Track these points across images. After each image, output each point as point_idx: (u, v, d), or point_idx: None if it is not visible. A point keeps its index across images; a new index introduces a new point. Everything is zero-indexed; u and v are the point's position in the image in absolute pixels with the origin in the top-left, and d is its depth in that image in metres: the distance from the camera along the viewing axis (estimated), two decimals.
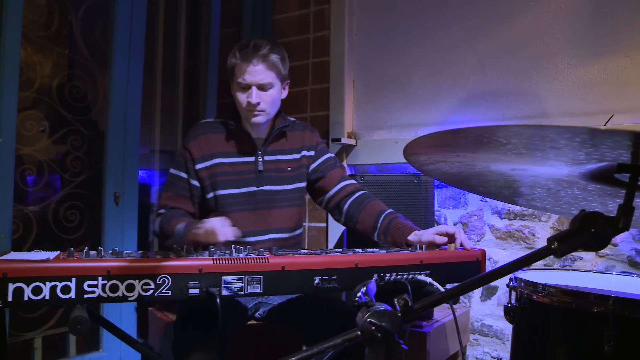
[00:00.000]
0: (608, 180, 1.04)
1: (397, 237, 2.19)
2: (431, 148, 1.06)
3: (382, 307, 0.86)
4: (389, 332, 0.81)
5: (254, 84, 2.21)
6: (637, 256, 2.55)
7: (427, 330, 2.40)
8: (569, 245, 0.92)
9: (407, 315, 0.85)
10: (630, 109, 2.54)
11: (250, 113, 2.25)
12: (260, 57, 2.19)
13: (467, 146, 0.99)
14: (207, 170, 2.29)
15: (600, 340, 1.18)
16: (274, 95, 2.27)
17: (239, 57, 2.21)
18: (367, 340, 0.83)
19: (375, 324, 0.83)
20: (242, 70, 2.20)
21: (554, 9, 2.74)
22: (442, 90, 3.02)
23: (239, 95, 2.25)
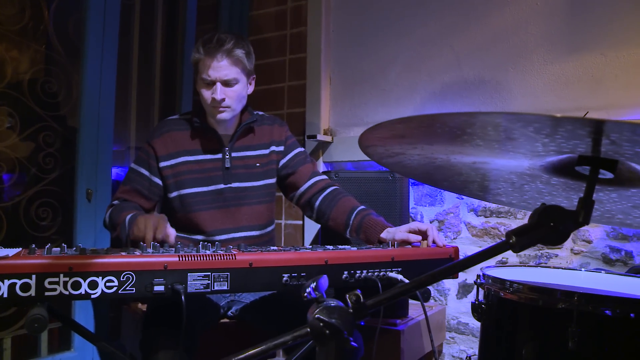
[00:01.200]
0: (569, 174, 1.03)
1: (369, 234, 2.17)
2: (387, 140, 1.04)
3: (334, 303, 0.83)
4: (338, 329, 0.79)
5: (218, 80, 2.16)
6: (611, 253, 2.55)
7: (401, 328, 2.39)
8: (527, 239, 0.89)
9: (359, 312, 0.82)
10: (604, 106, 2.54)
11: (215, 109, 2.20)
12: (225, 52, 2.15)
13: (421, 137, 0.97)
14: (172, 168, 2.25)
15: (565, 336, 1.17)
16: (239, 91, 2.22)
17: (202, 52, 2.16)
18: (316, 337, 0.80)
19: (323, 320, 0.80)
20: (205, 65, 2.16)
21: (530, 6, 2.73)
22: (419, 87, 3.00)
23: (203, 91, 2.21)
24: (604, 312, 1.19)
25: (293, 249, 1.85)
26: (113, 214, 2.15)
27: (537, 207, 0.92)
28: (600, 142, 0.87)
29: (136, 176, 2.26)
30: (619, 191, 1.06)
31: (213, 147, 2.29)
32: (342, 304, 0.84)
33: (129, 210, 2.11)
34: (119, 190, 2.28)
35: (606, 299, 1.21)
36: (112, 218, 2.14)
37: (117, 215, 2.11)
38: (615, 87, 2.53)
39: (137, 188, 2.25)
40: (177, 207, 2.26)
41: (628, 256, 2.52)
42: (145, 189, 2.25)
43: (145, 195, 2.25)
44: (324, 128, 3.21)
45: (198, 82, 2.23)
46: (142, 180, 2.25)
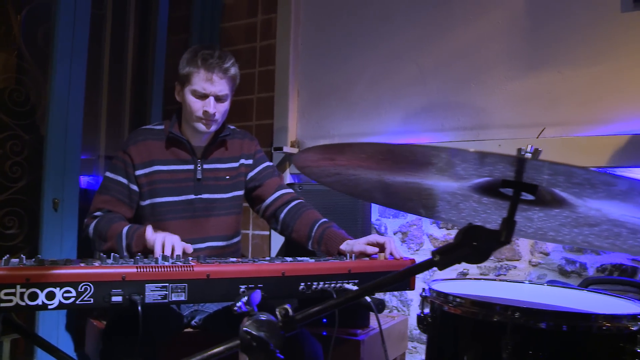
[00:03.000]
0: (496, 194, 1.08)
1: (329, 246, 2.22)
2: (318, 162, 1.08)
3: (264, 317, 0.87)
4: (264, 342, 0.83)
5: (212, 94, 2.23)
6: (566, 265, 2.62)
7: (362, 338, 2.43)
8: (451, 258, 0.94)
9: (288, 325, 0.87)
10: (561, 123, 2.61)
11: (204, 121, 2.26)
12: (224, 70, 2.23)
13: (348, 161, 1.01)
14: (146, 177, 2.28)
15: (499, 347, 1.22)
16: (226, 107, 2.31)
17: (201, 65, 2.21)
18: (245, 349, 0.84)
19: (251, 333, 0.84)
20: (203, 79, 2.21)
21: (491, 24, 2.81)
22: (384, 101, 3.06)
23: (193, 102, 2.25)
24: (538, 325, 1.24)
25: (251, 261, 1.89)
26: (100, 227, 2.17)
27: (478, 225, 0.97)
28: (522, 170, 0.92)
29: (114, 185, 2.28)
30: (545, 210, 1.12)
31: (186, 158, 2.33)
32: (273, 318, 0.88)
33: (119, 222, 2.15)
34: (98, 200, 2.28)
35: (540, 312, 1.26)
36: (100, 230, 2.16)
37: (106, 227, 2.14)
38: (571, 104, 2.61)
39: (117, 197, 2.27)
40: (148, 215, 2.29)
41: (582, 268, 2.59)
42: (126, 197, 2.28)
43: (126, 204, 2.28)
44: (291, 140, 3.25)
45: (186, 93, 2.26)
46: (122, 188, 2.28)
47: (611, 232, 1.16)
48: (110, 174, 2.31)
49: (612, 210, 1.00)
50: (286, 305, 0.90)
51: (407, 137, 2.95)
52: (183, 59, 2.28)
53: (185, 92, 2.26)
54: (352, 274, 1.92)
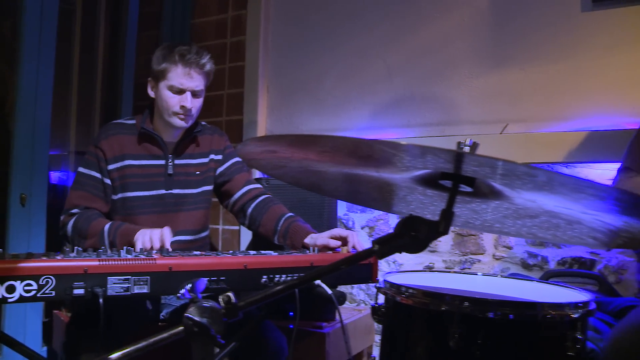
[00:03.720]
0: (437, 186, 1.11)
1: (294, 240, 2.25)
2: (262, 154, 1.11)
3: (208, 304, 0.90)
4: (206, 327, 0.86)
5: (189, 90, 2.28)
6: (529, 258, 2.68)
7: (327, 331, 2.46)
8: (389, 247, 0.98)
9: (230, 312, 0.90)
10: (523, 119, 2.67)
11: (180, 116, 2.30)
12: (202, 66, 2.29)
13: (290, 153, 1.04)
14: (118, 171, 2.30)
15: (447, 336, 1.26)
16: (201, 102, 2.36)
17: (179, 60, 2.25)
18: (188, 334, 0.87)
19: (192, 319, 0.87)
20: (180, 74, 2.26)
21: (457, 22, 2.86)
22: (352, 97, 3.09)
23: (170, 97, 2.28)
24: (485, 314, 1.28)
25: (214, 254, 1.91)
26: (79, 225, 2.18)
27: (428, 217, 1.01)
28: (461, 164, 0.95)
29: (89, 180, 2.29)
30: (487, 203, 1.16)
31: (157, 153, 2.36)
32: (217, 305, 0.91)
33: (97, 219, 2.18)
34: (73, 196, 2.29)
35: (487, 302, 1.30)
36: (80, 228, 2.18)
37: (86, 225, 2.16)
38: (534, 101, 2.67)
39: (92, 192, 2.28)
40: (119, 209, 2.31)
41: (544, 261, 2.65)
42: (101, 192, 2.29)
43: (102, 198, 2.30)
44: (261, 135, 3.28)
45: (162, 88, 2.29)
46: (96, 183, 2.29)
47: (550, 224, 1.20)
48: (84, 169, 2.32)
49: (545, 201, 1.04)
50: (229, 292, 0.93)
51: (375, 133, 2.98)
52: (158, 54, 2.32)
53: (161, 88, 2.29)
54: (314, 267, 1.95)
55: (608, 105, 2.51)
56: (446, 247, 2.85)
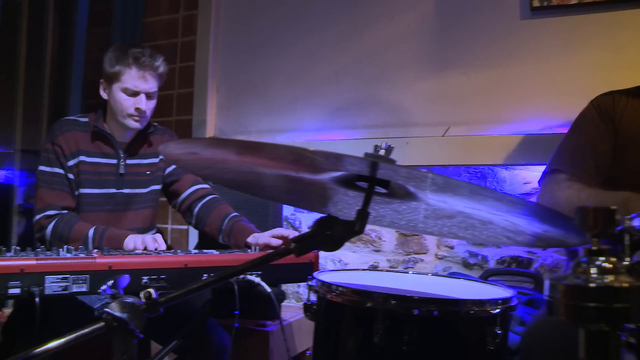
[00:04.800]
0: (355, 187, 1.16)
1: (238, 239, 2.29)
2: (186, 155, 1.14)
3: (130, 300, 0.93)
4: (125, 322, 0.89)
5: (144, 92, 2.31)
6: (470, 258, 2.76)
7: (271, 329, 2.50)
8: (306, 245, 1.02)
9: (151, 307, 0.93)
10: (465, 122, 2.74)
11: (134, 118, 2.32)
12: (156, 68, 2.33)
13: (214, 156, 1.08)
14: (75, 167, 2.32)
15: (372, 332, 1.31)
16: (154, 104, 2.39)
17: (133, 63, 2.28)
18: (108, 329, 0.90)
19: (111, 314, 0.90)
20: (135, 77, 2.28)
21: (402, 26, 2.91)
22: (299, 98, 3.13)
23: (124, 100, 2.30)
24: (410, 311, 1.34)
25: (155, 253, 1.94)
26: (60, 228, 2.19)
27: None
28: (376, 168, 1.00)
29: (54, 177, 2.29)
30: (406, 204, 1.21)
31: (110, 152, 2.38)
32: (139, 301, 0.94)
33: (78, 222, 2.20)
34: (44, 195, 2.28)
35: (412, 299, 1.35)
36: (61, 233, 2.18)
37: (67, 229, 2.18)
38: (475, 104, 2.74)
39: (61, 189, 2.29)
40: None
41: (484, 260, 2.74)
42: (68, 188, 2.30)
43: (70, 194, 2.31)
44: (209, 135, 3.29)
45: (115, 90, 2.31)
46: (62, 179, 2.30)
47: (467, 224, 1.26)
48: (46, 168, 2.32)
49: (454, 202, 1.09)
50: (151, 289, 0.96)
51: (322, 134, 3.03)
52: (110, 56, 2.33)
53: (114, 90, 2.32)
54: None
55: (544, 109, 2.61)
56: (390, 247, 2.92)
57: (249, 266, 1.04)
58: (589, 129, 2.00)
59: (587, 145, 1.97)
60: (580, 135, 2.03)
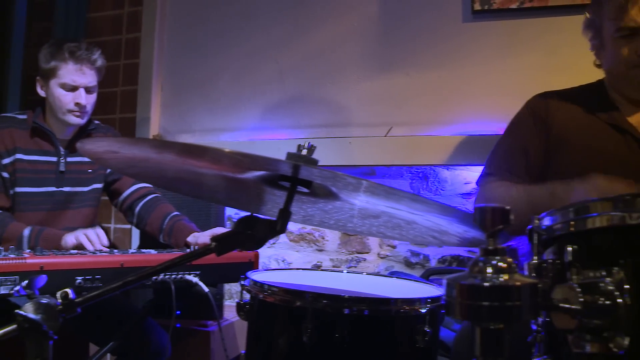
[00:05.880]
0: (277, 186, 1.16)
1: (178, 239, 2.28)
2: (106, 154, 1.13)
3: (46, 301, 0.92)
4: (37, 323, 0.87)
5: (83, 86, 2.27)
6: (412, 257, 2.80)
7: (212, 329, 2.49)
8: (227, 244, 1.02)
9: (67, 308, 0.92)
10: (408, 122, 2.78)
11: (75, 113, 2.28)
12: (93, 62, 2.29)
13: (135, 154, 1.07)
14: (11, 165, 2.26)
15: (301, 331, 1.31)
16: (95, 98, 2.35)
17: (69, 57, 2.24)
18: (20, 331, 0.88)
19: (23, 315, 0.88)
20: (72, 71, 2.24)
21: (347, 26, 2.93)
22: (244, 97, 3.11)
23: (63, 95, 2.26)
24: (341, 310, 1.35)
25: (90, 253, 1.90)
26: None
27: None
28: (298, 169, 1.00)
29: None
30: (332, 203, 1.22)
31: (49, 150, 2.33)
32: (56, 302, 0.92)
33: (12, 222, 2.16)
34: None
35: (343, 298, 1.36)
36: None
37: (0, 229, 2.12)
38: (418, 105, 2.78)
39: None
40: None
41: (425, 259, 2.78)
42: (2, 187, 2.25)
43: (3, 192, 2.25)
44: (153, 134, 3.25)
45: (53, 86, 2.27)
46: None
47: (393, 223, 1.28)
48: None
49: (376, 202, 1.11)
50: (68, 289, 0.94)
51: (265, 133, 3.02)
52: (45, 52, 2.29)
53: (52, 86, 2.27)
54: (192, 265, 1.97)
55: (484, 110, 2.66)
56: (333, 246, 2.93)
57: (167, 265, 1.04)
58: (521, 131, 2.05)
59: (520, 146, 2.02)
60: (513, 136, 2.08)
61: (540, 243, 0.90)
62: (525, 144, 2.00)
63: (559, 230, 0.89)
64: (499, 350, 0.65)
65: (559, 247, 0.87)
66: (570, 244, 0.86)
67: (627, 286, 0.77)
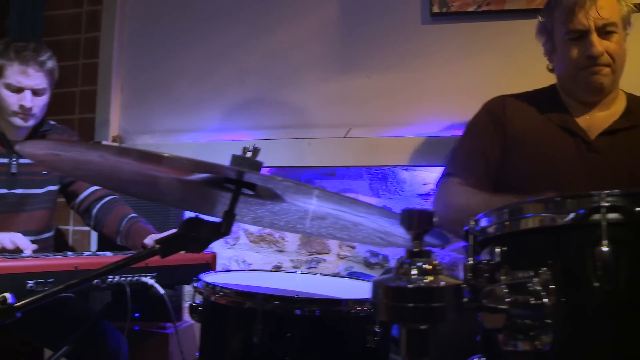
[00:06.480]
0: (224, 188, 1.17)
1: (135, 241, 2.26)
2: (47, 157, 1.12)
3: None
4: None
5: (29, 88, 2.21)
6: (371, 257, 2.82)
7: (170, 331, 2.48)
8: (171, 246, 1.02)
9: (5, 313, 0.91)
10: (367, 124, 2.80)
11: (21, 116, 2.23)
12: (40, 63, 2.23)
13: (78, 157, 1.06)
14: None
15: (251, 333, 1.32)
16: (45, 101, 2.29)
17: (14, 58, 2.19)
18: None
19: None
20: (17, 72, 2.19)
21: (307, 28, 2.94)
22: (205, 98, 3.10)
23: (8, 96, 2.21)
24: (293, 311, 1.35)
25: (43, 256, 1.88)
26: None
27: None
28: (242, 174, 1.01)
29: None
30: (280, 205, 1.22)
31: (1, 151, 2.29)
32: None
33: None
34: None
35: (295, 299, 1.37)
36: None
37: None
38: (377, 107, 2.80)
39: None
40: None
41: (385, 260, 2.80)
42: None
43: None
44: (113, 135, 3.21)
45: (0, 86, 2.22)
46: None
47: (341, 225, 1.29)
48: None
49: (319, 204, 1.12)
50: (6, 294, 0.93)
51: (226, 134, 3.01)
52: None
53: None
54: (149, 267, 1.96)
55: (442, 112, 2.69)
56: (293, 247, 2.94)
57: (111, 268, 1.03)
58: (480, 133, 2.08)
59: (479, 149, 2.05)
60: (472, 139, 2.11)
61: (478, 244, 0.92)
62: (485, 146, 2.03)
63: (494, 231, 0.92)
64: (424, 351, 0.67)
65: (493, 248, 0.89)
66: (505, 245, 0.88)
67: (552, 286, 0.80)
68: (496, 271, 0.85)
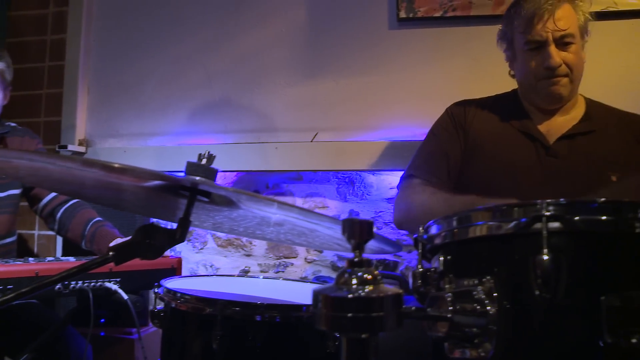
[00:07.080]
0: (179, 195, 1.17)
1: (100, 245, 2.24)
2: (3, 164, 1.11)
3: None
4: None
5: None
6: (338, 261, 2.83)
7: (136, 337, 2.46)
8: (125, 254, 1.02)
9: None
10: (333, 128, 2.81)
11: None
12: None
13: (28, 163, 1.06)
14: None
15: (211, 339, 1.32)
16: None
17: None
18: None
19: None
20: None
21: (275, 32, 2.95)
22: (172, 102, 3.09)
23: None
24: (253, 317, 1.36)
25: (3, 262, 1.86)
26: None
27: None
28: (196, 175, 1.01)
29: None
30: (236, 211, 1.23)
31: None
32: None
33: None
34: None
35: (255, 305, 1.37)
36: None
37: None
38: (344, 111, 2.82)
39: None
40: None
41: None
42: None
43: None
44: (79, 138, 3.18)
45: None
46: None
47: (298, 231, 1.29)
48: None
49: (273, 211, 1.12)
50: None
51: (193, 138, 3.00)
52: None
53: None
54: (113, 273, 1.95)
55: (408, 116, 2.72)
56: (261, 251, 2.94)
57: (64, 276, 1.03)
58: (442, 136, 2.12)
59: (440, 151, 2.08)
60: (434, 141, 2.14)
61: (428, 251, 0.94)
62: (447, 148, 2.06)
63: (442, 239, 0.93)
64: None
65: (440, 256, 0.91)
66: (452, 253, 0.90)
67: (495, 294, 0.81)
68: (441, 279, 0.87)
